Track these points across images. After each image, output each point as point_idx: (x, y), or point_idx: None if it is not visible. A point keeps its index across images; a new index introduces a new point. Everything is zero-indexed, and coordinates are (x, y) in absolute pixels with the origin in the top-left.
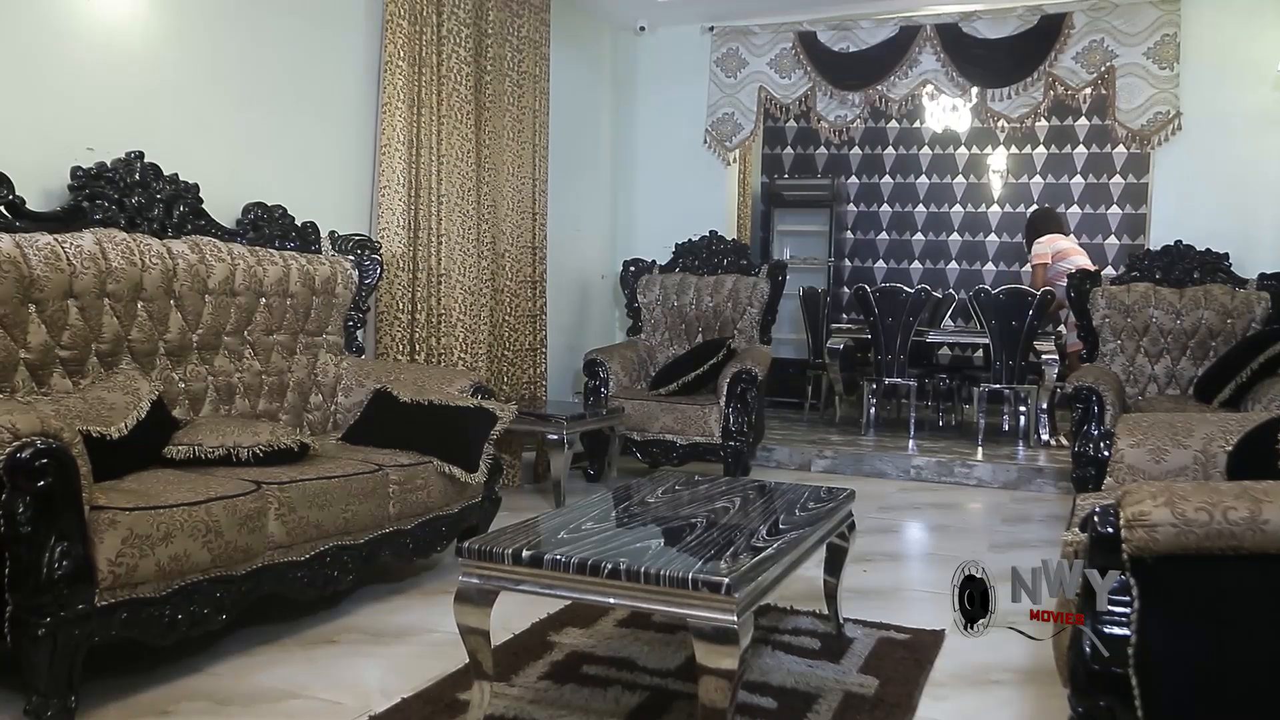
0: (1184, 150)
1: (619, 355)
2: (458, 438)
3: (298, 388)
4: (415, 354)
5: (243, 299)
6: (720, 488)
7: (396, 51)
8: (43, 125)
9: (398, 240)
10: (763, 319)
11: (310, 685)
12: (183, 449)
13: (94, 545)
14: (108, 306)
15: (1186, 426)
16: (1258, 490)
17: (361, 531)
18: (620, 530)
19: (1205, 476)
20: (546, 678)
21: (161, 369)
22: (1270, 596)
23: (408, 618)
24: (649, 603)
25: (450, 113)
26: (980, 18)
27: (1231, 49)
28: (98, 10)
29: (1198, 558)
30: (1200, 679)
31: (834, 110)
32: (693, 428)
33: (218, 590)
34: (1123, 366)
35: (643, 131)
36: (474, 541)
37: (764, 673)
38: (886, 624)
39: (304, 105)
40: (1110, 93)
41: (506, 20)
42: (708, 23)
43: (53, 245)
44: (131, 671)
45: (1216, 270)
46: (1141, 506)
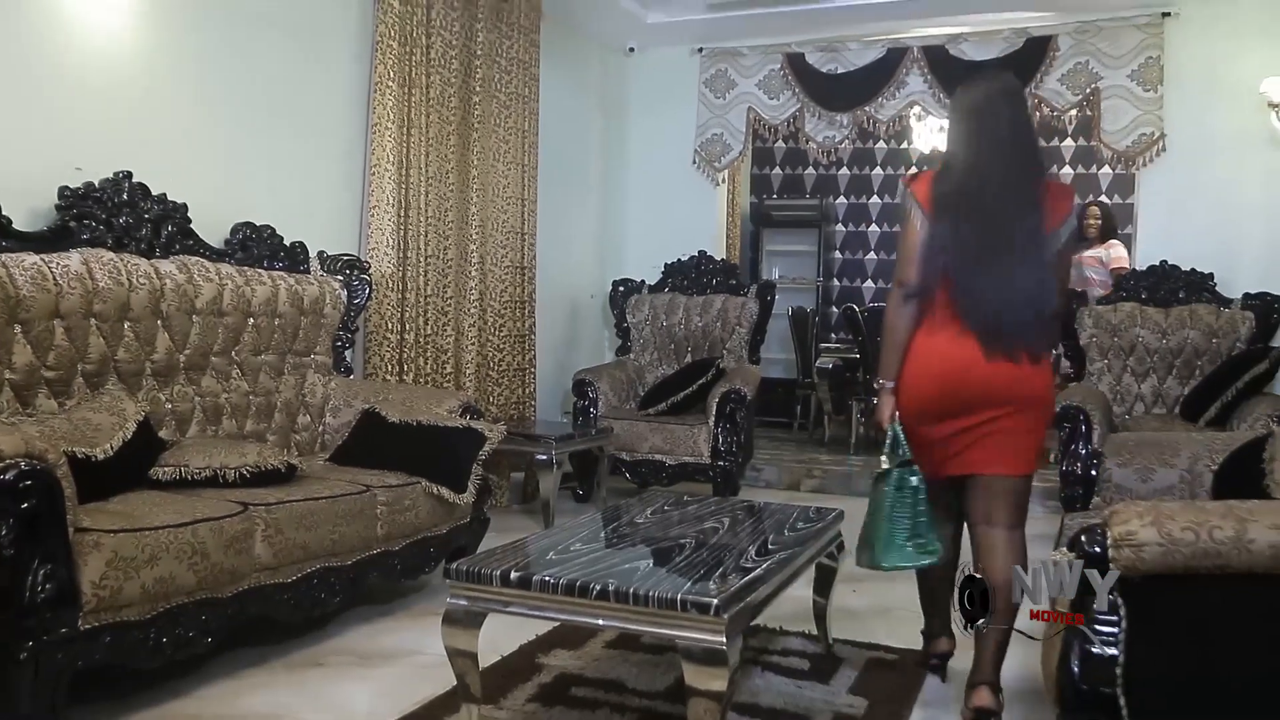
0: (1169, 171)
1: (608, 375)
2: (446, 458)
3: (285, 408)
4: (404, 374)
5: (230, 319)
6: (709, 508)
7: (386, 72)
8: (30, 144)
9: (387, 260)
10: (751, 339)
11: (297, 708)
12: (169, 470)
13: (78, 568)
14: (94, 327)
15: (1173, 446)
16: (1243, 509)
17: (349, 553)
18: (609, 551)
19: (1192, 495)
20: (535, 700)
21: (148, 389)
22: (1256, 615)
23: (396, 640)
24: (638, 624)
25: (440, 133)
26: (967, 40)
27: (1214, 71)
28: (86, 30)
29: (1185, 577)
30: (1188, 698)
31: (822, 131)
32: (682, 448)
33: (203, 613)
34: (1109, 386)
35: (632, 152)
36: (462, 563)
37: (753, 694)
38: (876, 644)
39: (293, 125)
40: (1095, 114)
41: (496, 41)
42: (697, 44)
43: (39, 265)
44: (116, 696)
45: (1202, 290)
46: (1129, 526)
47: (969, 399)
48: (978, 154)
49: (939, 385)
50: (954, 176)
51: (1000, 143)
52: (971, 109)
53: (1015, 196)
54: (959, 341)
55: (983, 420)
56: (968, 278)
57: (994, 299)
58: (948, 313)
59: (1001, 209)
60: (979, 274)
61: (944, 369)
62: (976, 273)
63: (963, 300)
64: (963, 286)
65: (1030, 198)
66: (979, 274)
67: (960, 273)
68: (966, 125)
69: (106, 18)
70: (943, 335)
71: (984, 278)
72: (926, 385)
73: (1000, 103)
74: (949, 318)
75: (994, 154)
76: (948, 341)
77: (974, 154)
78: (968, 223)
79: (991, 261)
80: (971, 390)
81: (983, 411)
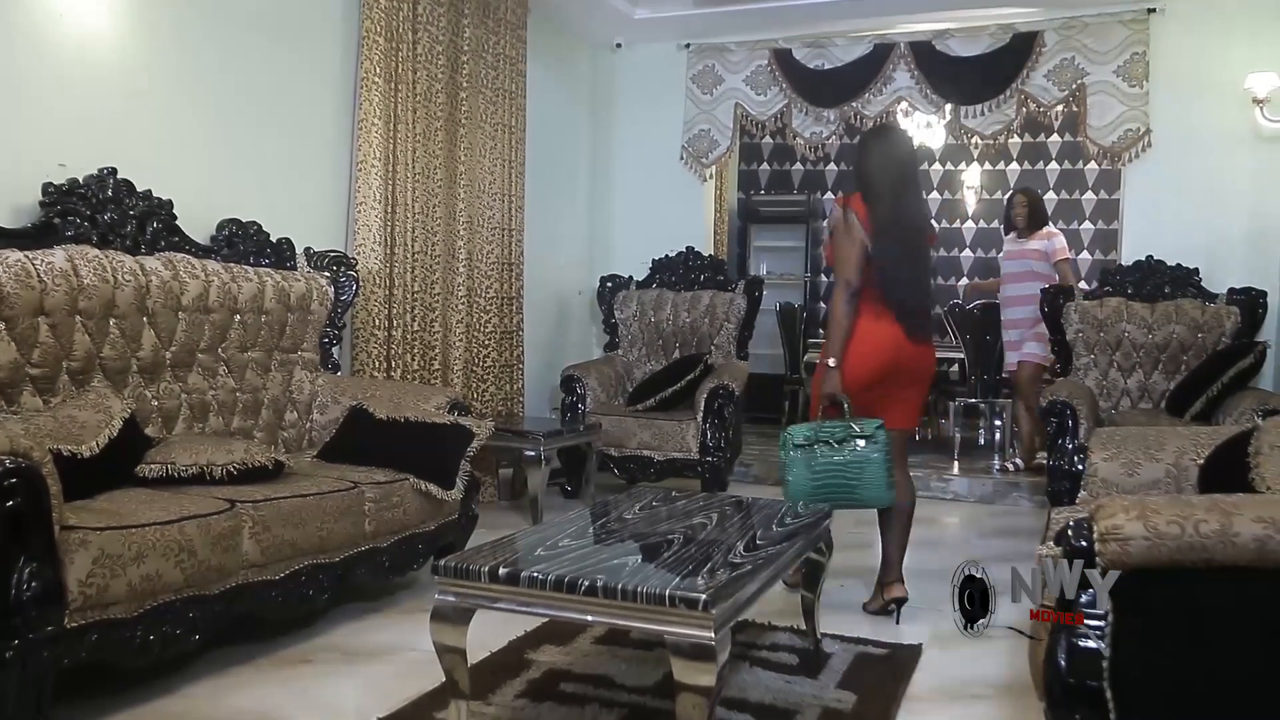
0: (1154, 167)
1: (596, 371)
2: (434, 455)
3: (273, 405)
4: (391, 371)
5: (217, 316)
6: (697, 504)
7: (373, 69)
8: (14, 141)
9: (374, 257)
10: (739, 335)
11: (285, 706)
12: (156, 468)
13: (64, 566)
14: (79, 324)
15: (1159, 440)
16: (1228, 503)
17: (337, 550)
18: (597, 547)
19: (1178, 489)
20: (524, 696)
21: (134, 387)
22: (1242, 609)
23: (384, 636)
24: (626, 619)
25: (427, 130)
26: (953, 36)
27: (1200, 67)
28: (71, 26)
29: (1171, 571)
30: (1174, 692)
31: (810, 127)
32: (670, 443)
33: (191, 610)
34: (1096, 381)
35: (619, 148)
36: (450, 559)
37: (742, 689)
38: (864, 639)
39: (280, 122)
40: (1081, 110)
41: (483, 38)
42: (684, 40)
43: (23, 262)
44: (103, 694)
45: (1187, 285)
46: (1115, 520)
47: (899, 371)
48: (904, 193)
49: (885, 359)
50: (886, 206)
51: (915, 187)
52: (900, 159)
53: (921, 226)
54: (894, 327)
55: (902, 387)
56: (895, 281)
57: (910, 297)
58: (880, 306)
59: (916, 233)
60: (901, 279)
61: (889, 345)
62: (899, 278)
63: (892, 297)
64: (891, 287)
65: (927, 227)
66: (901, 279)
67: (890, 277)
68: (898, 170)
69: (90, 13)
70: (882, 322)
71: (904, 282)
72: (876, 359)
73: (916, 157)
74: (882, 310)
75: (912, 195)
76: (887, 326)
77: (902, 191)
78: (896, 243)
79: (909, 270)
80: (903, 364)
81: (903, 380)
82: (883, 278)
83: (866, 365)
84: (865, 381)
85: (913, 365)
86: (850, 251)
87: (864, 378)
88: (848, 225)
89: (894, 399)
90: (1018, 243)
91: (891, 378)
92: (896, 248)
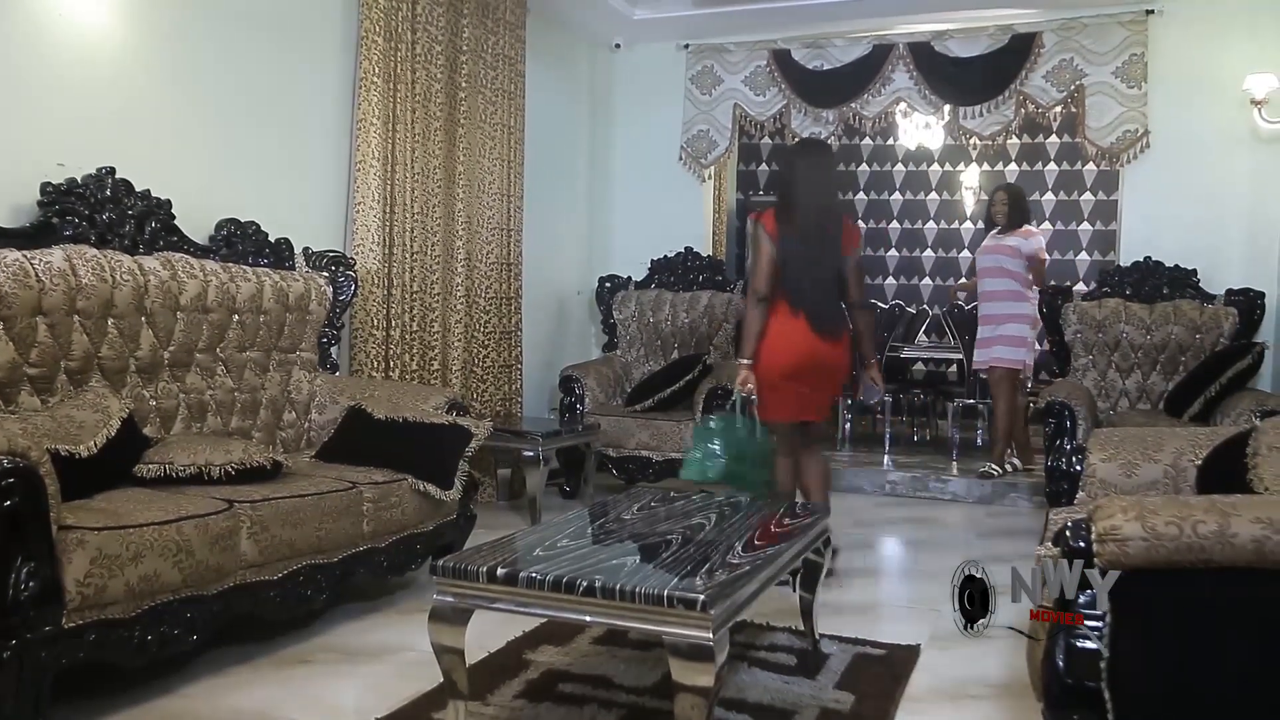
0: (1152, 167)
1: (595, 371)
2: (433, 455)
3: (271, 405)
4: (390, 371)
5: (215, 316)
6: (696, 504)
7: (371, 68)
8: (12, 141)
9: (372, 257)
10: (738, 335)
11: (284, 706)
12: (153, 467)
13: (62, 566)
14: (77, 324)
15: (1157, 441)
16: (1226, 504)
17: (335, 550)
18: (596, 547)
19: (1176, 490)
20: (522, 696)
21: (132, 386)
22: (1240, 609)
23: (382, 637)
24: (625, 620)
25: (425, 130)
26: (952, 37)
27: (1198, 68)
28: (69, 25)
29: (1169, 571)
30: (1172, 692)
31: (808, 127)
32: (669, 443)
33: (189, 610)
34: (1094, 381)
35: (618, 148)
36: (449, 559)
37: (740, 689)
38: (862, 639)
39: (278, 122)
40: (1080, 111)
41: (482, 37)
42: (683, 40)
43: (21, 262)
44: (101, 694)
45: (1185, 286)
46: (1113, 521)
47: (811, 366)
48: (806, 202)
49: (798, 355)
50: (796, 220)
51: (818, 195)
52: (804, 171)
53: (826, 232)
54: (803, 326)
55: (815, 381)
56: (799, 289)
57: (814, 302)
58: (793, 309)
59: (824, 244)
60: (804, 286)
61: (800, 342)
62: (803, 285)
63: (798, 304)
64: (797, 294)
65: (835, 232)
66: (804, 286)
67: (795, 285)
68: (801, 184)
69: (89, 13)
70: (793, 322)
71: (808, 289)
72: (789, 355)
73: (822, 167)
74: (796, 312)
75: (814, 203)
76: (797, 325)
77: (805, 201)
78: (800, 255)
79: (812, 273)
80: (814, 360)
81: (815, 374)
82: (789, 286)
83: (779, 361)
84: (779, 375)
85: (825, 362)
86: (760, 264)
87: (778, 372)
88: (757, 240)
89: (808, 393)
90: (995, 239)
91: (805, 372)
92: (800, 259)
